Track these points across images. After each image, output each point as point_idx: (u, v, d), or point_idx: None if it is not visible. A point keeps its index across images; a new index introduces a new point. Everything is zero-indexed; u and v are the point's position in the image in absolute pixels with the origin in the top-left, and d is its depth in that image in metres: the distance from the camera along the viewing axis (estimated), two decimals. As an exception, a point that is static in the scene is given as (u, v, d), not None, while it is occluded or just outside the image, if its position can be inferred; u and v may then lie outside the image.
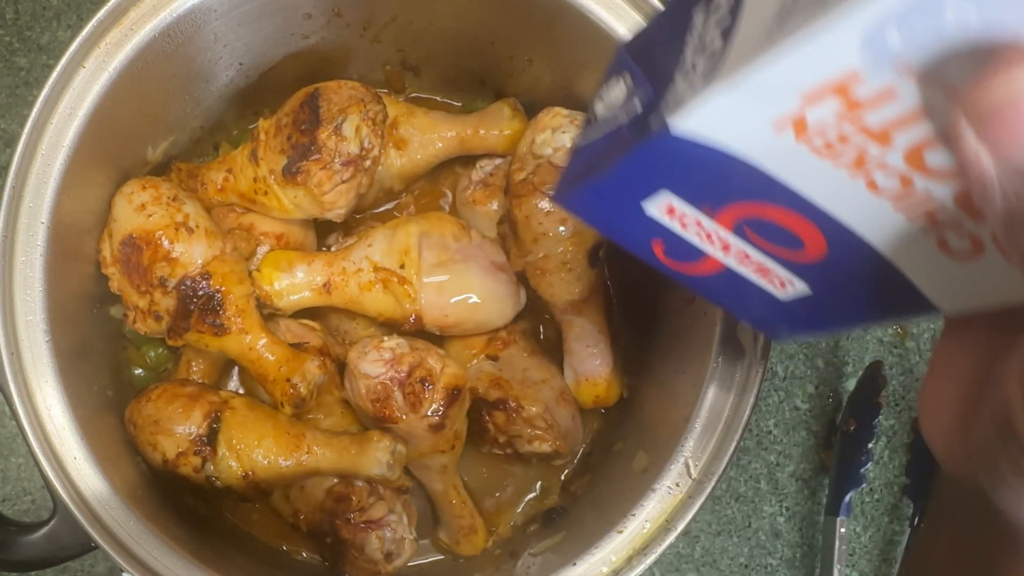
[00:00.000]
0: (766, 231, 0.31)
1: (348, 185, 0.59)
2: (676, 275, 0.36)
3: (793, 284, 0.34)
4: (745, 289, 0.35)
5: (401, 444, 0.58)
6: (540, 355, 0.66)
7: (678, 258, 0.34)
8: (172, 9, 0.55)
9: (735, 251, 0.33)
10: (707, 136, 0.27)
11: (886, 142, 0.25)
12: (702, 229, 0.32)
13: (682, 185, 0.31)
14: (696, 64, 0.29)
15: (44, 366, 0.53)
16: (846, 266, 0.31)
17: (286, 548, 0.66)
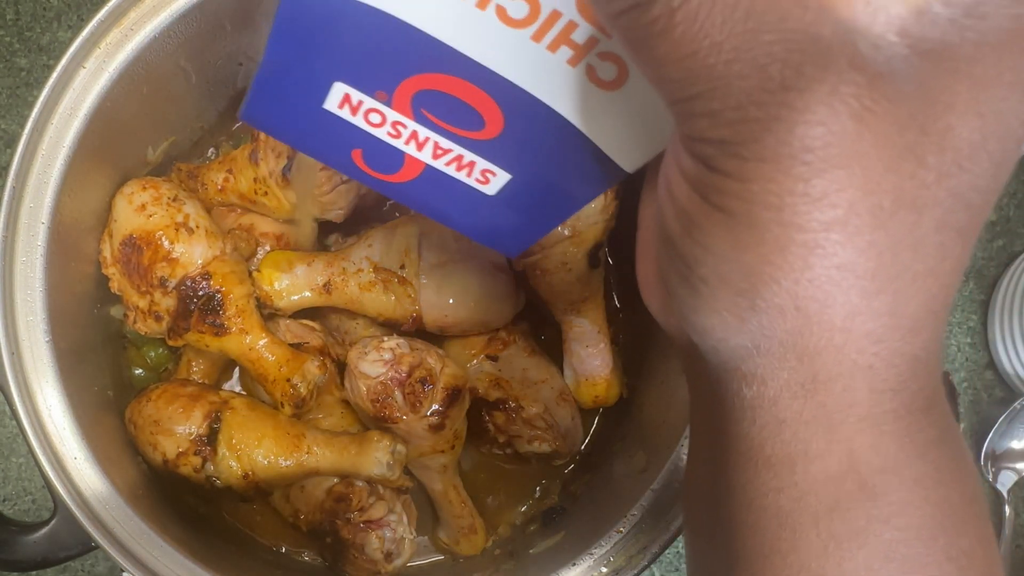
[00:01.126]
0: (443, 109, 0.31)
1: (348, 185, 0.59)
2: (386, 188, 0.35)
3: (495, 174, 0.33)
4: (455, 192, 0.34)
5: (401, 444, 0.58)
6: (540, 355, 0.66)
7: (380, 167, 0.34)
8: (172, 9, 0.55)
9: (426, 143, 0.32)
10: None
11: None
12: (386, 121, 0.32)
13: (346, 67, 0.30)
14: None
15: (44, 366, 0.53)
16: (529, 133, 0.31)
17: (286, 549, 0.66)
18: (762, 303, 0.23)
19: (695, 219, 0.24)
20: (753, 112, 0.21)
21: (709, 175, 0.23)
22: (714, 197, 0.23)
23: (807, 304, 0.22)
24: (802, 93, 0.20)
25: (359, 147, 0.33)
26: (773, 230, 0.22)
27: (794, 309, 0.22)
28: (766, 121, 0.21)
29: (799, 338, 0.23)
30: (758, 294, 0.23)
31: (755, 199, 0.22)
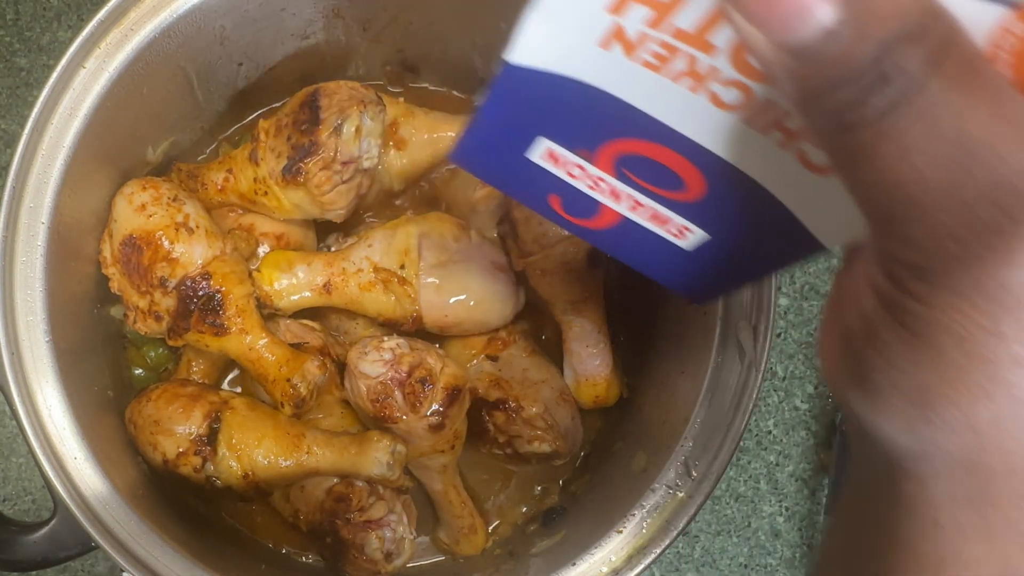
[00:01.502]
0: (644, 171, 0.31)
1: (348, 186, 0.59)
2: (582, 232, 0.35)
3: (692, 231, 0.33)
4: (650, 242, 0.34)
5: (401, 444, 0.58)
6: (540, 355, 0.66)
7: (577, 213, 0.34)
8: (172, 10, 0.55)
9: (625, 198, 0.32)
10: (544, 65, 0.28)
11: (707, 48, 0.25)
12: (587, 176, 0.32)
13: (552, 127, 0.31)
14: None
15: (44, 366, 0.54)
16: (730, 201, 0.31)
17: (286, 549, 0.66)
18: (936, 419, 0.23)
19: (877, 328, 0.24)
20: (951, 247, 0.21)
21: (896, 291, 0.23)
22: (899, 312, 0.23)
23: (985, 429, 0.22)
24: (1008, 238, 0.20)
25: (557, 193, 0.33)
26: (956, 358, 0.22)
27: (970, 430, 0.22)
28: (964, 258, 0.21)
29: (971, 455, 0.23)
30: (933, 410, 0.23)
31: (940, 326, 0.22)
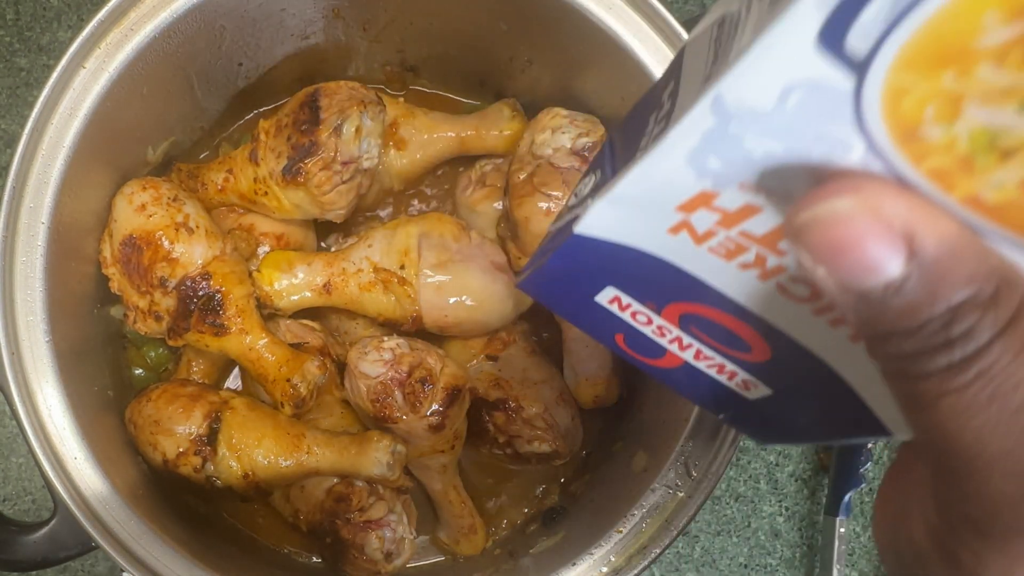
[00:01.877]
0: (711, 331, 0.31)
1: (348, 186, 0.59)
2: (647, 368, 0.35)
3: (756, 386, 0.33)
4: (713, 387, 0.34)
5: (401, 444, 0.58)
6: (540, 355, 0.66)
7: (641, 352, 0.34)
8: (172, 10, 0.55)
9: (689, 348, 0.33)
10: (610, 237, 0.28)
11: (776, 250, 0.25)
12: (653, 324, 0.32)
13: (621, 281, 0.31)
14: None
15: (44, 366, 0.54)
16: (797, 373, 0.30)
17: (286, 550, 0.66)
18: None
19: (927, 557, 0.24)
20: (1008, 517, 0.21)
21: (949, 536, 0.23)
22: (949, 556, 0.23)
23: None
24: None
25: (622, 333, 0.34)
26: None
27: None
28: (1018, 529, 0.21)
29: None
30: None
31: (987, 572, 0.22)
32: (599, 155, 0.36)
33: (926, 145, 0.20)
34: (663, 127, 0.28)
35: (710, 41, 0.28)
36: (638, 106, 0.34)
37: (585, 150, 0.58)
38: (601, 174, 0.34)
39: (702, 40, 0.29)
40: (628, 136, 0.34)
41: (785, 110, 0.21)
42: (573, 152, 0.58)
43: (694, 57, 0.29)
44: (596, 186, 0.32)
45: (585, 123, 0.59)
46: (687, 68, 0.30)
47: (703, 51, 0.29)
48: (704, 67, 0.28)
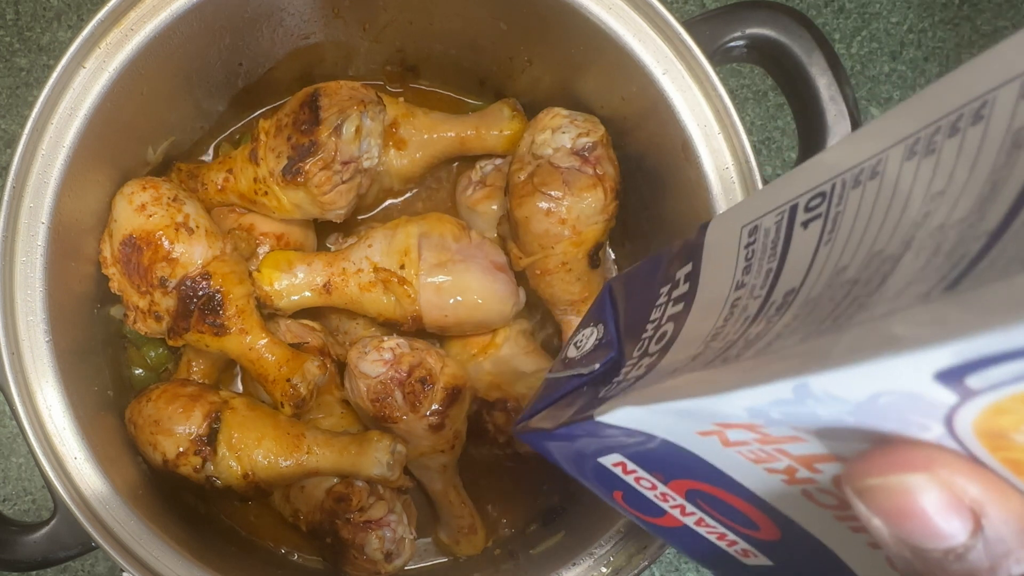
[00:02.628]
0: (719, 507, 0.31)
1: (348, 186, 0.59)
2: (643, 523, 0.35)
3: (756, 556, 0.33)
4: (710, 549, 0.34)
5: (401, 444, 0.58)
6: (539, 355, 0.66)
7: (640, 509, 0.34)
8: (172, 10, 0.55)
9: (692, 515, 0.32)
10: (631, 426, 0.28)
11: (811, 468, 0.25)
12: (657, 490, 0.32)
13: (632, 454, 0.31)
14: (640, 361, 0.30)
15: (44, 366, 0.54)
16: (802, 552, 0.30)
17: (286, 550, 0.66)
18: None
19: None
20: None
21: None
22: None
23: None
24: None
25: (622, 491, 0.34)
26: None
27: None
28: None
29: None
30: None
31: None
32: (599, 306, 0.36)
33: (1011, 443, 0.20)
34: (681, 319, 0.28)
35: (740, 246, 0.28)
36: (645, 268, 0.35)
37: (585, 150, 0.58)
38: (604, 331, 0.34)
39: (730, 235, 0.29)
40: (632, 297, 0.34)
41: (874, 404, 0.20)
42: (573, 152, 0.58)
43: (719, 248, 0.30)
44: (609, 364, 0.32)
45: (585, 123, 0.59)
46: (709, 254, 0.30)
47: (731, 248, 0.29)
48: (734, 271, 0.28)
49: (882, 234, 0.22)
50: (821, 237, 0.25)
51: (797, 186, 0.27)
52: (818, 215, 0.25)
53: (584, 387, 0.33)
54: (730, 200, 0.55)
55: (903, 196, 0.22)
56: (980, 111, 0.21)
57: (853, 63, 0.84)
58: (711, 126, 0.55)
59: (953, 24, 0.85)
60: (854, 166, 0.25)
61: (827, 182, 0.26)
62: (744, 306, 0.27)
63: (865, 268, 0.22)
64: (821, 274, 0.24)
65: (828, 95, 0.55)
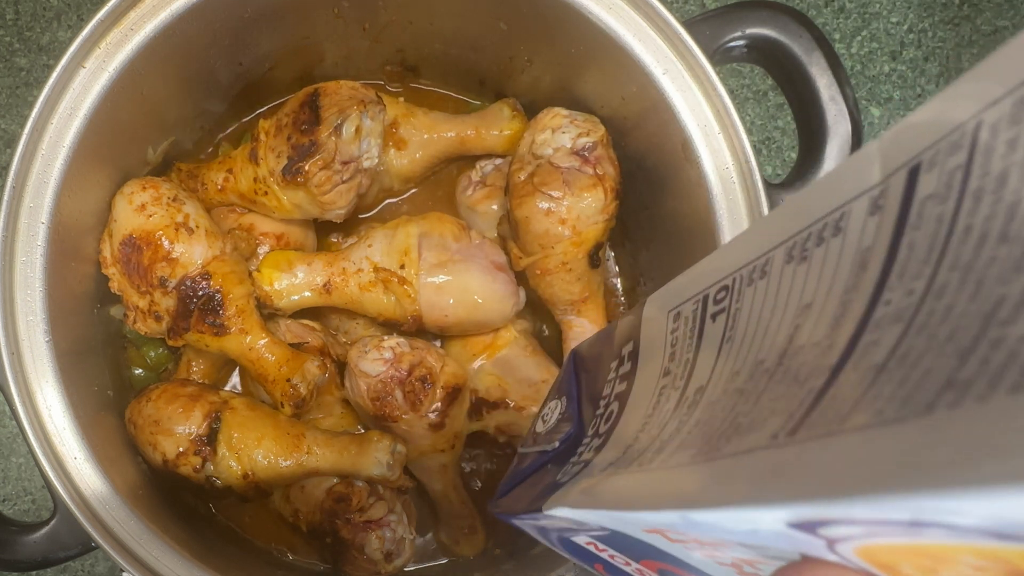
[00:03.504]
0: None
1: (348, 185, 0.59)
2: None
3: None
4: None
5: (401, 444, 0.58)
6: (540, 355, 0.66)
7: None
8: (172, 10, 0.55)
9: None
10: (584, 521, 0.28)
11: (753, 567, 0.25)
12: (632, 567, 0.32)
13: (597, 536, 0.31)
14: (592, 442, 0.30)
15: (44, 366, 0.53)
16: None
17: (286, 552, 0.66)
18: None
19: None
20: None
21: None
22: None
23: None
24: None
25: (602, 563, 0.33)
26: None
27: None
28: None
29: None
30: None
31: None
32: (564, 377, 0.36)
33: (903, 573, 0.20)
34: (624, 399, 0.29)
35: (667, 330, 0.29)
36: (603, 336, 0.35)
37: (585, 150, 0.58)
38: (567, 404, 0.34)
39: (660, 317, 0.29)
40: (591, 368, 0.34)
41: (756, 535, 0.21)
42: (573, 152, 0.58)
43: (653, 329, 0.30)
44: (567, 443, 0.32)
45: (585, 123, 0.59)
46: (646, 334, 0.30)
47: (661, 331, 0.29)
48: (662, 357, 0.28)
49: (765, 342, 0.23)
50: (724, 333, 0.25)
51: (712, 274, 0.27)
52: (723, 309, 0.26)
53: (549, 464, 0.33)
54: (730, 200, 0.55)
55: (782, 303, 0.23)
56: (840, 222, 0.21)
57: (853, 63, 0.84)
58: (711, 126, 0.55)
59: (953, 24, 0.85)
60: (751, 261, 0.25)
61: (731, 275, 0.26)
62: (667, 398, 0.27)
63: (750, 379, 0.22)
64: (721, 375, 0.24)
65: (828, 95, 0.55)
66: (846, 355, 0.19)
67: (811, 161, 0.56)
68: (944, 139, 0.18)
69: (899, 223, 0.19)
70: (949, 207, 0.18)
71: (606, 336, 0.34)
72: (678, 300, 0.29)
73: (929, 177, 0.19)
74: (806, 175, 0.56)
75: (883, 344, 0.18)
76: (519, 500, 0.34)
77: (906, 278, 0.18)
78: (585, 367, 0.35)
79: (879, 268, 0.19)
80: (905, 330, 0.18)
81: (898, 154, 0.20)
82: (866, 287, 0.19)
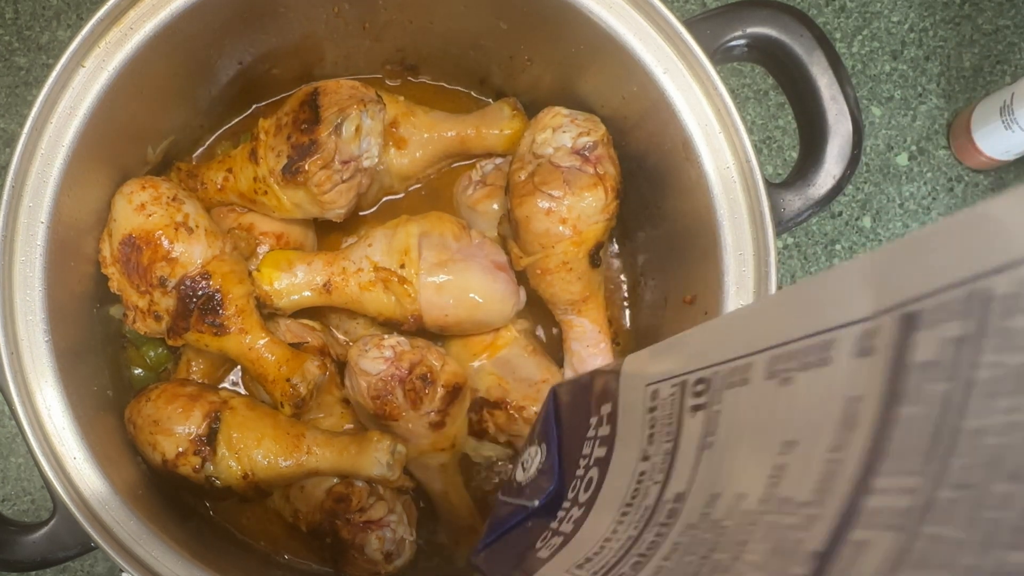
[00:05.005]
0: None
1: (348, 185, 0.58)
2: None
3: None
4: None
5: (401, 444, 0.58)
6: (540, 355, 0.66)
7: None
8: (172, 9, 0.55)
9: None
10: None
11: None
12: None
13: None
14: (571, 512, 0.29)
15: (44, 366, 0.53)
16: None
17: (282, 553, 0.66)
18: None
19: None
20: None
21: None
22: None
23: None
24: None
25: None
26: None
27: None
28: None
29: None
30: None
31: None
32: (543, 420, 0.35)
33: None
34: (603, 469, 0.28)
35: (645, 406, 0.27)
36: (584, 383, 0.33)
37: (586, 149, 0.58)
38: (547, 454, 0.33)
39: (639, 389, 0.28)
40: (572, 416, 0.33)
41: None
42: (574, 151, 0.58)
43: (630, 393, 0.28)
44: (549, 497, 0.31)
45: (586, 122, 0.59)
46: (624, 403, 0.29)
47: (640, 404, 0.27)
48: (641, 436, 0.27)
49: (748, 470, 0.20)
50: (704, 436, 0.23)
51: (693, 357, 0.25)
52: (703, 405, 0.24)
53: (529, 522, 0.33)
54: (731, 199, 0.55)
55: (763, 426, 0.20)
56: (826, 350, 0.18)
57: (854, 62, 0.84)
58: (712, 125, 0.55)
59: (954, 23, 0.85)
60: (731, 359, 0.23)
61: (710, 368, 0.24)
62: (645, 491, 0.25)
63: (730, 515, 0.20)
64: (699, 493, 0.22)
65: (829, 94, 0.55)
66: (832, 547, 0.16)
67: (812, 160, 0.56)
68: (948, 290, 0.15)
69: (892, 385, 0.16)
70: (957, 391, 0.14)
71: (584, 386, 0.33)
72: (657, 375, 0.27)
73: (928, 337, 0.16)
74: (807, 175, 0.56)
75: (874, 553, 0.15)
76: (499, 563, 0.33)
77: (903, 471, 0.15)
78: (565, 412, 0.34)
79: (869, 436, 0.17)
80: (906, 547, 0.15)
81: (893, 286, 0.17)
82: (855, 454, 0.17)
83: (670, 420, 0.26)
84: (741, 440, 0.22)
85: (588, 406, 0.32)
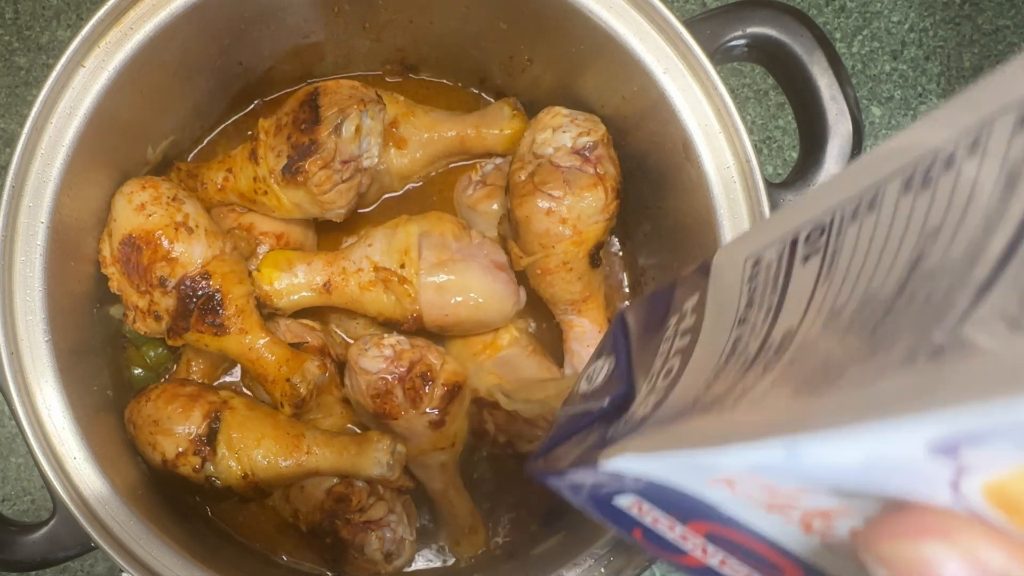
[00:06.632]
0: (741, 551, 0.30)
1: (348, 185, 0.58)
2: (663, 558, 0.34)
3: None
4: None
5: (401, 444, 0.58)
6: (540, 355, 0.66)
7: (661, 547, 0.33)
8: (171, 9, 0.55)
9: (714, 556, 0.31)
10: (641, 475, 0.27)
11: (826, 520, 0.24)
12: (676, 531, 0.31)
13: (646, 494, 0.30)
14: (648, 399, 0.29)
15: (44, 366, 0.53)
16: None
17: (280, 555, 0.66)
18: None
19: None
20: None
21: None
22: None
23: None
24: None
25: (641, 530, 0.32)
26: None
27: None
28: None
29: None
30: None
31: None
32: (611, 337, 0.35)
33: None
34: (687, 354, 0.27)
35: (743, 278, 0.27)
36: (657, 296, 0.34)
37: (586, 149, 0.58)
38: (615, 363, 0.33)
39: (734, 266, 0.28)
40: (644, 327, 0.33)
41: (870, 470, 0.20)
42: (574, 151, 0.58)
43: (724, 279, 0.29)
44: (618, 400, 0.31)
45: (586, 122, 0.59)
46: (715, 285, 0.29)
47: (735, 281, 0.28)
48: (736, 306, 0.27)
49: (877, 274, 0.22)
50: (820, 274, 0.24)
51: (799, 216, 0.26)
52: (817, 249, 0.25)
53: (594, 424, 0.32)
54: (731, 199, 0.55)
55: (899, 234, 0.21)
56: (977, 141, 0.20)
57: (854, 62, 0.84)
58: (712, 125, 0.55)
59: (955, 23, 0.85)
60: (852, 197, 0.24)
61: (827, 213, 0.25)
62: (745, 345, 0.26)
63: (859, 312, 0.21)
64: (818, 316, 0.23)
65: (829, 94, 0.55)
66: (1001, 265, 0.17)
67: (812, 160, 0.56)
68: None
69: None
70: None
71: (663, 294, 0.33)
72: (758, 246, 0.27)
73: None
74: (807, 175, 0.56)
75: None
76: (563, 457, 0.32)
77: None
78: (637, 325, 0.34)
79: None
80: None
81: None
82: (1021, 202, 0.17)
83: (775, 279, 0.26)
84: (868, 256, 0.22)
85: (667, 307, 0.32)
